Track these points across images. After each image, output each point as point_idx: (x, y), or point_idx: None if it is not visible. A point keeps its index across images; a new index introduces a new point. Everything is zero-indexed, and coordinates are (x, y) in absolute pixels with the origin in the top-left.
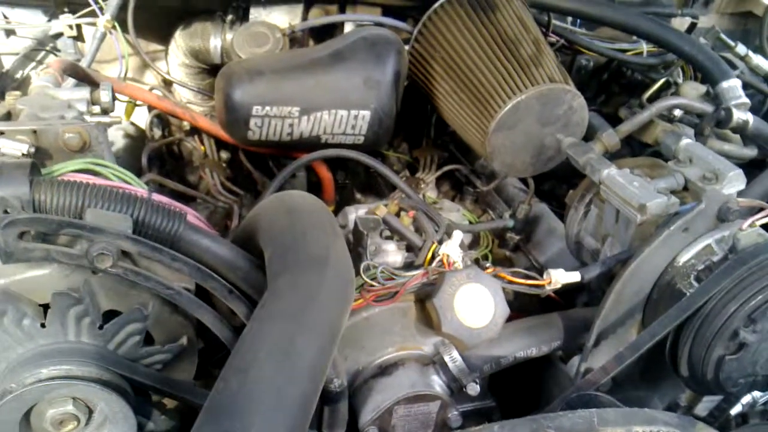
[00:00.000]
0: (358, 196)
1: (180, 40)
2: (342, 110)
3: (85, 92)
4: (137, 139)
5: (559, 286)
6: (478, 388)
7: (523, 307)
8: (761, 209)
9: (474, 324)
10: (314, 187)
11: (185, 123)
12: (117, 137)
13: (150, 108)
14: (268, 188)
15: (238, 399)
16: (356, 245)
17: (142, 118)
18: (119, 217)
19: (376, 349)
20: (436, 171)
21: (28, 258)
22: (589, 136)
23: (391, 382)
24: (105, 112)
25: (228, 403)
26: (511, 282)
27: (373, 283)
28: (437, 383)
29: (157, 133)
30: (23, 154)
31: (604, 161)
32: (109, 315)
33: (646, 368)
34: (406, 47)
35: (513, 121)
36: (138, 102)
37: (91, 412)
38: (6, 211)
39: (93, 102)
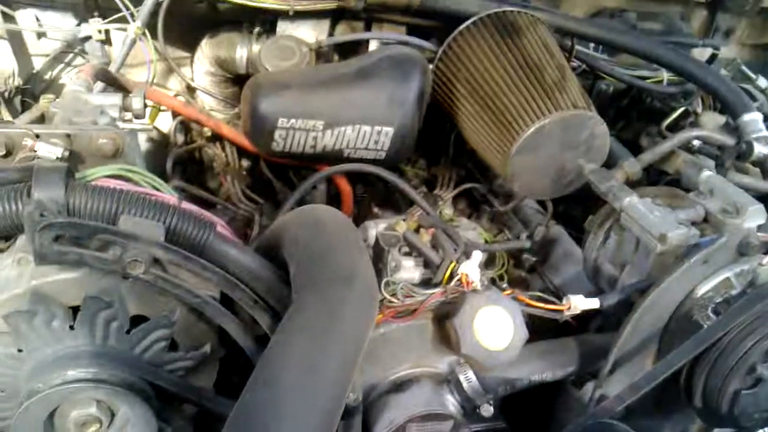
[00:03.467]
0: (376, 210)
1: (206, 49)
2: (366, 126)
3: (117, 98)
4: (160, 143)
5: (578, 311)
6: (491, 409)
7: (537, 329)
8: None
9: (493, 346)
10: (333, 199)
11: (206, 130)
12: (141, 141)
13: (174, 114)
14: (289, 198)
15: (264, 411)
16: (376, 261)
17: (164, 122)
18: (152, 225)
19: (392, 365)
20: (453, 188)
21: (61, 261)
22: (608, 161)
23: (405, 399)
24: (136, 118)
25: (255, 414)
26: (529, 305)
27: (393, 300)
28: (451, 402)
29: (180, 138)
30: (58, 158)
31: (626, 189)
32: (136, 320)
33: (659, 398)
34: (430, 66)
35: (535, 145)
36: (163, 107)
37: (113, 414)
38: (42, 214)
39: (125, 108)
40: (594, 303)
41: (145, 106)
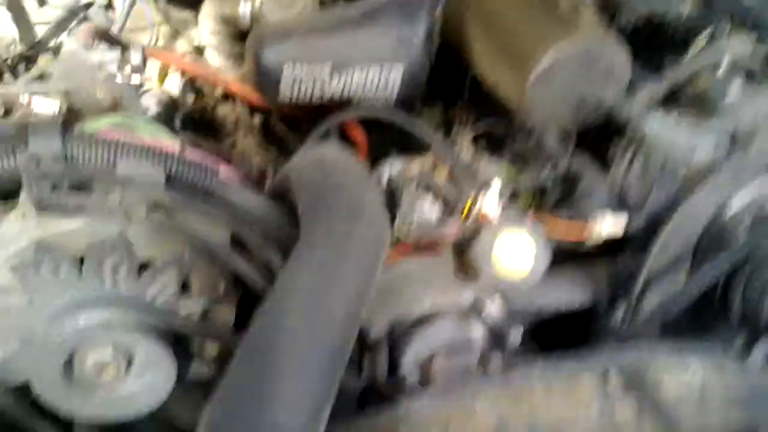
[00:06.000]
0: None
1: (209, 7)
2: (374, 66)
3: (115, 54)
4: (170, 106)
5: (603, 233)
6: (519, 336)
7: (562, 254)
8: None
9: (514, 271)
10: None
11: (217, 89)
12: (150, 104)
13: (183, 74)
14: (302, 149)
15: (272, 342)
16: (391, 200)
17: (174, 86)
18: (152, 169)
19: (414, 301)
20: (472, 129)
21: (62, 210)
22: (629, 87)
23: (430, 332)
24: (135, 72)
25: (263, 345)
26: (552, 227)
27: (408, 239)
28: (477, 332)
29: (190, 99)
30: (55, 113)
31: (650, 111)
32: (145, 266)
33: (694, 316)
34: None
35: (552, 75)
36: (170, 68)
37: (131, 358)
38: (38, 165)
39: (124, 62)
40: (620, 223)
41: (145, 60)
